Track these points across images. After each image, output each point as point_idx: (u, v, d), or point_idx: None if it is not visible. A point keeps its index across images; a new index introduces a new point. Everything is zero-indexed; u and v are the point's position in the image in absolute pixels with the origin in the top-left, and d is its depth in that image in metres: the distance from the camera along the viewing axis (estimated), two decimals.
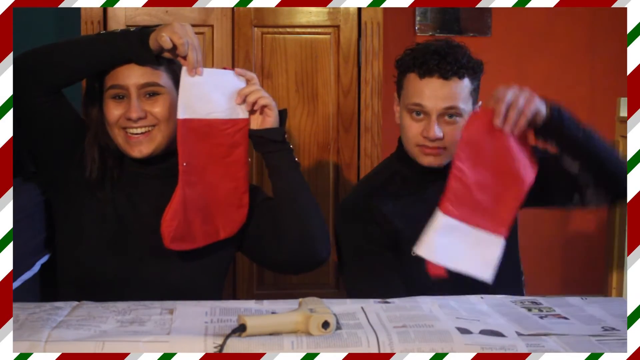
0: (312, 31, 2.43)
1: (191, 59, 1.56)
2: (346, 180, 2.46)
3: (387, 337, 1.20)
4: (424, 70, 1.73)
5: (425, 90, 1.73)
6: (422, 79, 1.74)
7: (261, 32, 2.42)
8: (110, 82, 1.65)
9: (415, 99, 1.75)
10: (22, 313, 1.30)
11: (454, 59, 1.73)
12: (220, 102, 1.62)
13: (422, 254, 1.57)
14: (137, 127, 1.64)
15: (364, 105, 2.44)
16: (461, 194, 1.58)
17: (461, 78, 1.74)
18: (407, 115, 1.77)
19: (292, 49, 2.43)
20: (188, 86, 1.58)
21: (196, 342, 1.18)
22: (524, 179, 1.59)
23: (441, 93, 1.73)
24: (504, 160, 1.58)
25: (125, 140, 1.66)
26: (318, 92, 2.44)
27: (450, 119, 1.74)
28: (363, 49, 2.42)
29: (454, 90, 1.73)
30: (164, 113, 1.65)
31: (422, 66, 1.74)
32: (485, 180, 1.58)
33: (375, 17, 2.41)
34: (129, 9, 2.37)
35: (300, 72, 2.43)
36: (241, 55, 2.42)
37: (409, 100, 1.76)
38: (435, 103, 1.72)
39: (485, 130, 1.57)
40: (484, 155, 1.58)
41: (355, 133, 2.45)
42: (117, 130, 1.66)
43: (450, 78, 1.72)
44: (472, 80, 1.76)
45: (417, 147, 1.77)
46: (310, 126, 2.45)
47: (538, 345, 1.21)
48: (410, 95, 1.76)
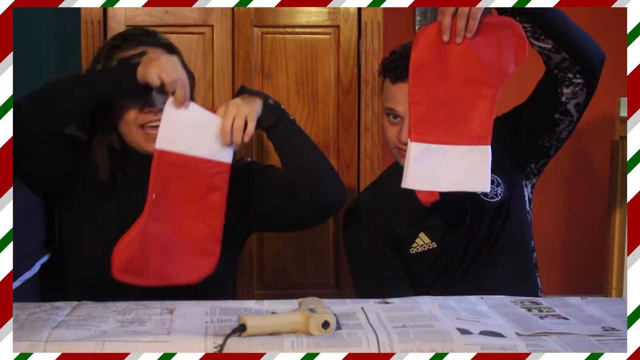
0: (312, 31, 2.43)
1: (179, 95, 1.53)
2: (346, 180, 2.46)
3: (387, 337, 1.20)
4: (395, 75, 1.76)
5: (396, 95, 1.76)
6: (393, 84, 1.77)
7: (261, 32, 2.42)
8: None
9: (388, 103, 1.79)
10: (22, 313, 1.30)
11: None
12: (202, 140, 1.56)
13: (408, 186, 1.58)
14: (156, 121, 1.61)
15: (364, 105, 2.44)
16: (425, 117, 1.58)
17: None
18: (386, 119, 1.81)
19: (292, 49, 2.43)
20: (172, 118, 1.54)
21: (196, 342, 1.18)
22: (499, 73, 1.58)
23: None
24: (465, 67, 1.57)
25: (142, 138, 1.65)
26: (318, 92, 2.44)
27: None
28: (363, 49, 2.42)
29: None
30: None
31: (393, 71, 1.77)
32: (449, 94, 1.58)
33: (375, 17, 2.41)
34: (129, 9, 2.37)
35: (300, 72, 2.43)
36: (241, 55, 2.42)
37: (385, 104, 1.81)
38: (406, 107, 1.71)
39: (437, 45, 1.57)
40: (442, 71, 1.58)
41: (355, 133, 2.45)
42: (135, 130, 1.65)
43: None
44: None
45: (395, 149, 1.80)
46: (310, 126, 2.45)
47: (538, 345, 1.21)
48: (386, 99, 1.80)
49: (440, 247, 1.80)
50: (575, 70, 1.70)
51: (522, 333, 1.26)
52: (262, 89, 2.43)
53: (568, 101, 1.74)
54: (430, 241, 1.79)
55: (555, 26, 1.65)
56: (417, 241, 1.80)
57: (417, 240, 1.80)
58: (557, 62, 1.69)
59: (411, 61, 1.61)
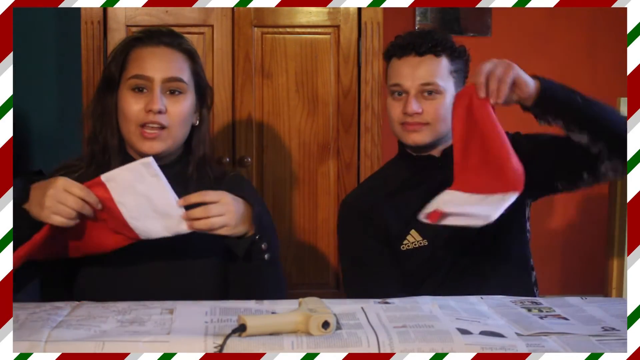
0: (312, 31, 2.43)
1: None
2: (346, 180, 2.46)
3: (387, 337, 1.20)
4: (401, 50, 1.80)
5: (402, 69, 1.80)
6: (399, 58, 1.81)
7: (261, 32, 2.42)
8: (133, 71, 1.63)
9: (394, 79, 1.82)
10: (22, 313, 1.30)
11: (429, 37, 1.79)
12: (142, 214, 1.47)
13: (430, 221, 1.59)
14: (154, 123, 1.60)
15: (364, 105, 2.44)
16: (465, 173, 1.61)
17: (438, 56, 1.79)
18: (390, 98, 1.84)
19: (292, 49, 2.43)
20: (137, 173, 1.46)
21: (196, 342, 1.18)
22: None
23: (418, 70, 1.78)
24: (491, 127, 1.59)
25: (138, 137, 1.62)
26: (318, 92, 2.44)
27: (429, 95, 1.79)
28: (363, 49, 2.42)
29: (431, 67, 1.78)
30: (182, 113, 1.63)
31: (400, 49, 1.81)
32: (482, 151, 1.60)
33: (375, 17, 2.41)
34: (129, 9, 2.37)
35: (300, 72, 2.43)
36: (241, 55, 2.42)
37: (390, 82, 1.83)
38: (412, 80, 1.78)
39: (470, 106, 1.60)
40: (475, 129, 1.60)
41: (355, 133, 2.45)
42: (133, 127, 1.62)
43: (425, 54, 1.78)
44: (451, 61, 1.81)
45: (399, 126, 1.82)
46: (310, 126, 2.45)
47: (538, 345, 1.21)
48: (391, 77, 1.83)
49: (430, 245, 1.79)
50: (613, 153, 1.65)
51: (522, 333, 1.26)
52: (262, 89, 2.43)
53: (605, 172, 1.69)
54: (422, 238, 1.79)
55: (585, 118, 1.64)
56: (408, 238, 1.80)
57: (407, 237, 1.80)
58: (597, 151, 1.66)
59: (453, 129, 1.65)
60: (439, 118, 1.78)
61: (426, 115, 1.78)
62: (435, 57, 1.79)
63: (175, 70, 1.63)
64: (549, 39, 3.08)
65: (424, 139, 1.80)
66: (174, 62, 1.64)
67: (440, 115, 1.78)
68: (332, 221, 2.47)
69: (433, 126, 1.79)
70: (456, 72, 1.82)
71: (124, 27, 2.37)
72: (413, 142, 1.80)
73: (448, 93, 1.79)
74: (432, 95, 1.79)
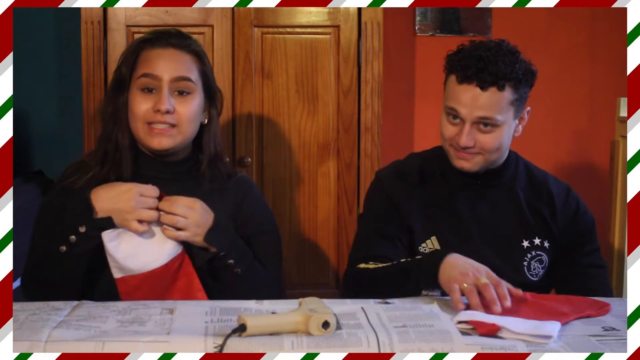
0: (312, 31, 2.43)
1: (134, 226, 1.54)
2: (346, 180, 2.46)
3: (387, 337, 1.19)
4: (463, 76, 1.68)
5: (461, 97, 1.68)
6: (460, 84, 1.69)
7: (261, 32, 2.42)
8: (142, 69, 1.65)
9: (451, 102, 1.71)
10: (22, 313, 1.30)
11: (495, 69, 1.65)
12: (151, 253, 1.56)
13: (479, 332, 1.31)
14: (162, 123, 1.63)
15: (364, 105, 2.44)
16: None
17: (501, 89, 1.66)
18: (445, 116, 1.74)
19: (292, 49, 2.43)
20: (113, 250, 1.53)
21: (196, 342, 1.18)
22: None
23: (477, 102, 1.67)
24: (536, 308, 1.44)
25: (147, 133, 1.64)
26: (318, 92, 2.44)
27: (485, 127, 1.69)
28: (363, 49, 2.42)
29: (491, 101, 1.66)
30: (191, 113, 1.65)
31: (461, 71, 1.68)
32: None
33: (375, 17, 2.41)
34: (129, 9, 2.37)
35: (300, 72, 2.43)
36: (241, 55, 2.42)
37: (447, 102, 1.73)
38: (470, 111, 1.67)
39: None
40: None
41: (355, 133, 2.45)
42: (140, 124, 1.65)
43: (487, 89, 1.66)
44: (515, 90, 1.69)
45: (450, 147, 1.75)
46: (310, 126, 2.45)
47: (538, 345, 1.21)
48: (449, 97, 1.72)
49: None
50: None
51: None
52: (262, 88, 2.43)
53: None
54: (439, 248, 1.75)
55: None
56: (427, 242, 1.77)
57: (427, 242, 1.77)
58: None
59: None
60: (491, 149, 1.71)
61: (479, 146, 1.71)
62: (498, 90, 1.66)
63: (183, 70, 1.65)
64: (549, 39, 3.07)
65: (472, 168, 1.74)
66: (182, 63, 1.66)
67: (493, 147, 1.71)
68: (332, 221, 2.47)
69: (484, 156, 1.72)
70: (518, 100, 1.71)
71: (124, 27, 2.37)
72: (461, 167, 1.74)
73: (506, 124, 1.70)
74: (487, 128, 1.69)
